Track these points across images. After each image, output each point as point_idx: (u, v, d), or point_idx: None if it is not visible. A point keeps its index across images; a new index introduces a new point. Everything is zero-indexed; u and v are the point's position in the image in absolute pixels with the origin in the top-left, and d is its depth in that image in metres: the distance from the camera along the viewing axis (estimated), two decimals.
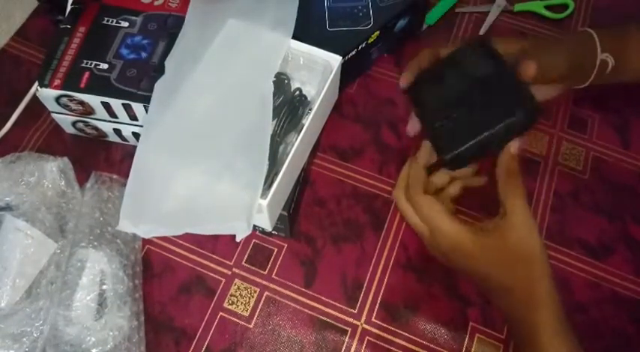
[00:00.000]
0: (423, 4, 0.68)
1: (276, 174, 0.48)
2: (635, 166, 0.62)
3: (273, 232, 0.56)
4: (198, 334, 0.52)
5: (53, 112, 0.58)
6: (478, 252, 0.43)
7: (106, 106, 0.55)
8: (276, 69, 0.54)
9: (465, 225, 0.43)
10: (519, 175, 0.43)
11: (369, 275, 0.56)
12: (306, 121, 0.52)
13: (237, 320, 0.53)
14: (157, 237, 0.57)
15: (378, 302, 0.54)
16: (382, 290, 0.55)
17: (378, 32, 0.62)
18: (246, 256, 0.56)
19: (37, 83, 0.54)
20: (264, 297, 0.54)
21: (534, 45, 0.50)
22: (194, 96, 0.52)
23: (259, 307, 0.54)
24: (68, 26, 0.58)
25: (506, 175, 0.43)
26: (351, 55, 0.60)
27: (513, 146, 0.44)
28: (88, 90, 0.54)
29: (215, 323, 0.53)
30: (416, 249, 0.57)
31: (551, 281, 0.41)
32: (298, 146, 0.50)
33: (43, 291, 0.50)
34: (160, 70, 0.54)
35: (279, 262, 0.56)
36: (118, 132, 0.59)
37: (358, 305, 0.54)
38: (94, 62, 0.56)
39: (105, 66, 0.56)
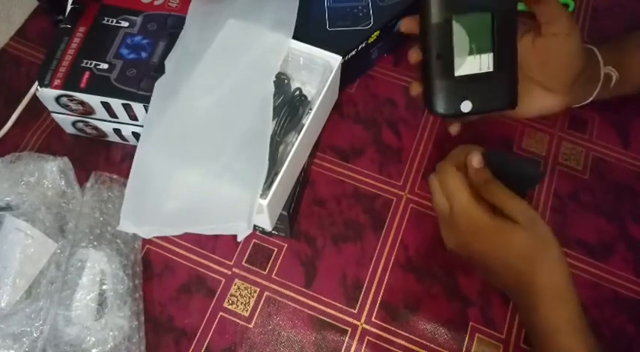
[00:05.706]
0: None
1: (276, 174, 0.48)
2: (635, 166, 0.62)
3: (273, 232, 0.56)
4: (198, 334, 0.52)
5: (53, 112, 0.58)
6: (494, 235, 0.42)
7: (106, 106, 0.55)
8: (277, 69, 0.54)
9: (486, 206, 0.43)
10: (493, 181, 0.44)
11: (369, 275, 0.56)
12: (306, 121, 0.52)
13: (237, 320, 0.53)
14: (157, 237, 0.57)
15: (378, 302, 0.54)
16: (382, 290, 0.55)
17: (378, 32, 0.62)
18: (246, 256, 0.56)
19: (37, 83, 0.54)
20: (264, 297, 0.54)
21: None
22: (194, 97, 0.52)
23: (259, 307, 0.54)
24: (68, 26, 0.58)
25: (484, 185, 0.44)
26: (351, 55, 0.60)
27: (476, 159, 0.45)
28: (88, 90, 0.54)
29: (215, 323, 0.53)
30: (416, 249, 0.57)
31: (553, 275, 0.42)
32: (298, 146, 0.50)
33: (43, 291, 0.50)
34: (160, 70, 0.54)
35: (279, 262, 0.56)
36: (118, 132, 0.59)
37: (358, 305, 0.54)
38: (94, 62, 0.56)
39: (105, 66, 0.56)
